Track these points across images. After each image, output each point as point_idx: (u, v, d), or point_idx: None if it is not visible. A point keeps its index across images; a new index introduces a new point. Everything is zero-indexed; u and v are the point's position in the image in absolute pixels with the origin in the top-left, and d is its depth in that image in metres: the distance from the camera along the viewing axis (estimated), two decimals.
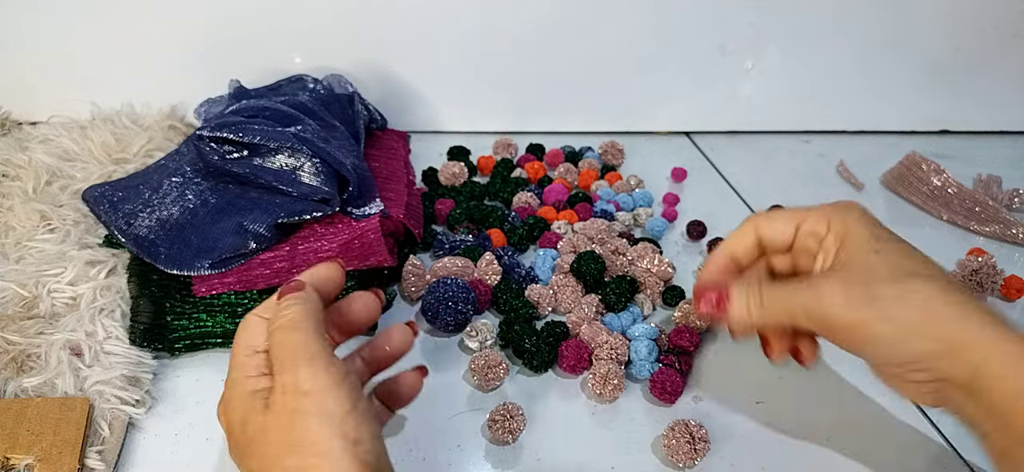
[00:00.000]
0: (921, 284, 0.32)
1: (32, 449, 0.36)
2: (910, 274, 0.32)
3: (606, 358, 0.44)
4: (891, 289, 0.32)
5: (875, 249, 0.33)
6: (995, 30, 0.69)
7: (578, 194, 0.61)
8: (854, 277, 0.33)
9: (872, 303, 0.32)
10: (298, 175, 0.50)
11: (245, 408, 0.30)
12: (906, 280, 0.32)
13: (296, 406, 0.28)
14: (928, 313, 0.31)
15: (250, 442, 0.29)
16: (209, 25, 0.64)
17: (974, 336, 0.31)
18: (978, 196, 0.61)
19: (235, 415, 0.31)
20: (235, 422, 0.31)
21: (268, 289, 0.47)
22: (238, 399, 0.31)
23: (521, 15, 0.65)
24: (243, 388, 0.31)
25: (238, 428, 0.30)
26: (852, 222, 0.35)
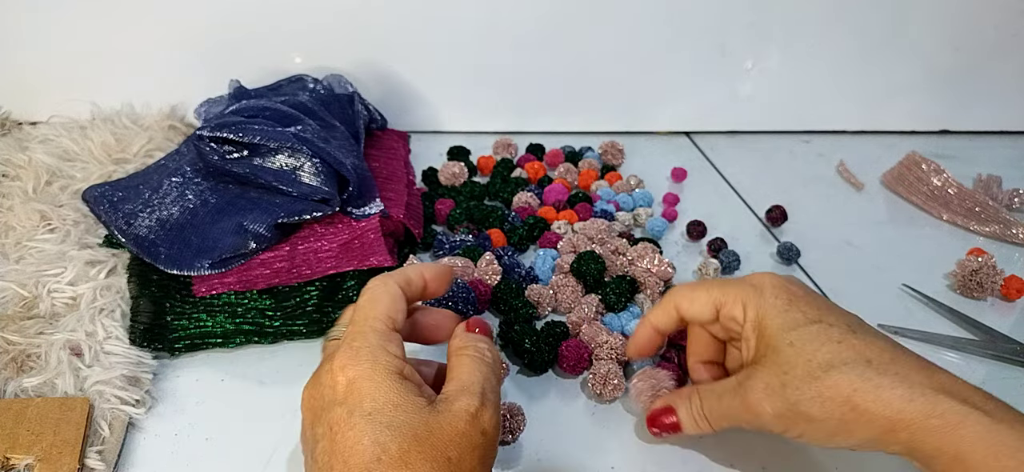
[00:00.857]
0: (837, 378, 0.31)
1: (32, 449, 0.36)
2: (826, 367, 0.31)
3: (606, 358, 0.44)
4: (808, 390, 0.32)
5: (789, 341, 0.33)
6: (995, 30, 0.69)
7: (578, 194, 0.61)
8: (773, 379, 0.33)
9: (794, 408, 0.32)
10: (298, 175, 0.50)
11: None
12: (821, 377, 0.31)
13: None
14: (848, 408, 0.31)
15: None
16: (209, 25, 0.64)
17: (898, 417, 0.30)
18: (978, 196, 0.61)
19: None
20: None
21: (268, 289, 0.47)
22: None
23: (521, 15, 0.65)
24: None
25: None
26: (766, 308, 0.34)
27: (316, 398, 0.31)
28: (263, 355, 0.45)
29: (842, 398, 0.31)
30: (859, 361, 0.31)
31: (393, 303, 0.34)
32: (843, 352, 0.32)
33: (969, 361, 0.47)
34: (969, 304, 0.52)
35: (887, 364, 0.31)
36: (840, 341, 0.32)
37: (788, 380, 0.32)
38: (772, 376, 0.33)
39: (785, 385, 0.32)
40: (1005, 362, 0.47)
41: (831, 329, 0.33)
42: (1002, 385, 0.46)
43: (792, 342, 0.33)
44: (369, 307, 0.33)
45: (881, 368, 0.31)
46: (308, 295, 0.47)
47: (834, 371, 0.31)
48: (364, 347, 0.31)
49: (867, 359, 0.31)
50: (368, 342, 0.32)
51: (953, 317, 0.51)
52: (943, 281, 0.55)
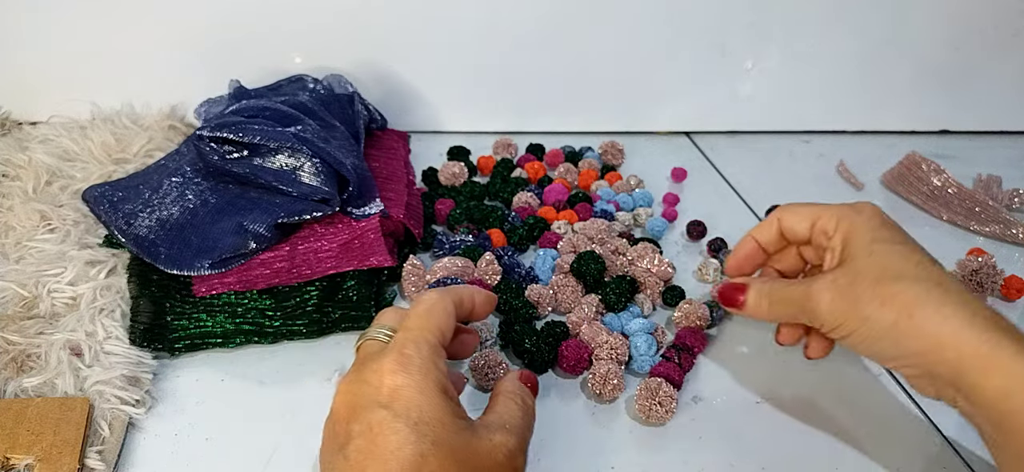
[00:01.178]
0: (904, 286, 0.33)
1: (32, 449, 0.36)
2: (896, 277, 0.33)
3: (606, 358, 0.44)
4: (872, 291, 0.34)
5: (870, 251, 0.35)
6: (995, 30, 0.69)
7: (578, 194, 0.61)
8: (844, 278, 0.35)
9: (854, 304, 0.34)
10: (298, 175, 0.50)
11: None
12: (889, 283, 0.33)
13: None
14: (906, 315, 0.33)
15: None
16: (209, 25, 0.64)
17: (953, 336, 0.31)
18: (978, 196, 0.61)
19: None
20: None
21: (268, 289, 0.47)
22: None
23: (521, 15, 0.65)
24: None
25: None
26: (859, 222, 0.36)
27: (358, 395, 0.31)
28: (263, 355, 0.45)
29: (903, 305, 0.33)
30: (930, 280, 0.33)
31: (447, 319, 0.34)
32: (918, 270, 0.34)
33: None
34: None
35: (956, 292, 0.33)
36: (919, 263, 0.34)
37: (857, 279, 0.34)
38: (843, 274, 0.35)
39: (853, 282, 0.34)
40: None
41: (914, 253, 0.35)
42: None
43: (873, 252, 0.35)
44: (425, 318, 0.33)
45: (949, 292, 0.32)
46: (308, 295, 0.47)
47: (903, 281, 0.33)
48: (416, 357, 0.31)
49: (938, 282, 0.33)
50: (421, 353, 0.31)
51: None
52: None
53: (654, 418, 0.41)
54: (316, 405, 0.42)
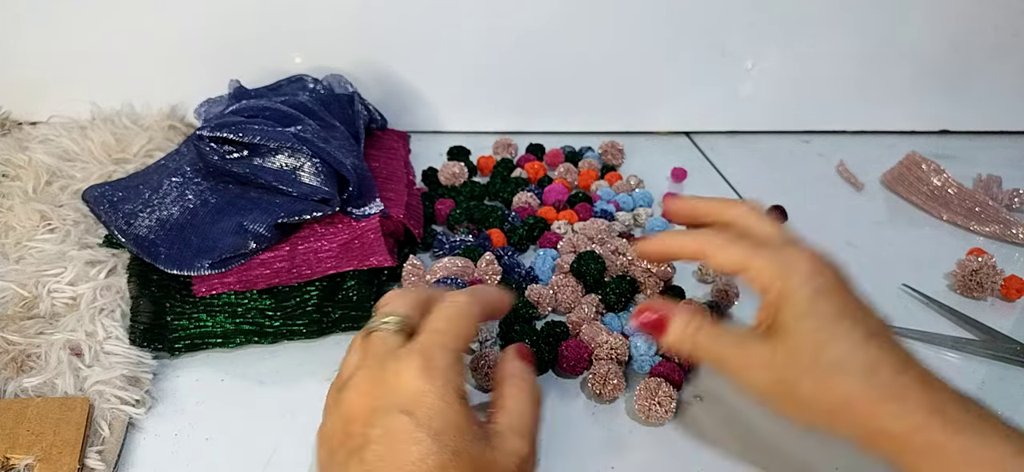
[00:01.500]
0: (841, 380, 0.31)
1: (32, 449, 0.36)
2: (834, 367, 0.32)
3: (606, 358, 0.44)
4: (810, 379, 0.32)
5: (807, 327, 0.33)
6: (995, 30, 0.69)
7: (578, 194, 0.61)
8: (779, 356, 0.33)
9: (790, 391, 0.32)
10: (298, 175, 0.50)
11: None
12: (827, 374, 0.32)
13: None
14: (841, 405, 0.31)
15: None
16: (209, 25, 0.64)
17: (885, 425, 0.31)
18: (978, 196, 0.61)
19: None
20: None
21: (268, 289, 0.47)
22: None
23: (521, 15, 0.65)
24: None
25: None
26: (795, 285, 0.33)
27: (377, 396, 0.29)
28: (263, 355, 0.45)
29: (837, 397, 0.32)
30: (865, 369, 0.31)
31: (471, 328, 0.33)
32: (854, 356, 0.32)
33: (969, 361, 0.47)
34: (969, 304, 0.52)
35: (891, 377, 0.31)
36: (854, 345, 0.32)
37: (793, 362, 0.32)
38: (779, 353, 0.33)
39: (789, 365, 0.33)
40: (1005, 362, 0.47)
41: (850, 331, 0.32)
42: (1002, 385, 0.46)
43: (808, 330, 0.33)
44: (454, 323, 0.32)
45: (884, 380, 0.31)
46: (308, 295, 0.47)
47: (839, 371, 0.32)
48: (441, 363, 0.30)
49: (873, 368, 0.31)
50: (446, 360, 0.30)
51: (953, 317, 0.51)
52: (943, 281, 0.55)
53: (654, 418, 0.41)
54: (316, 405, 0.42)
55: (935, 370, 0.32)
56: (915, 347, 0.48)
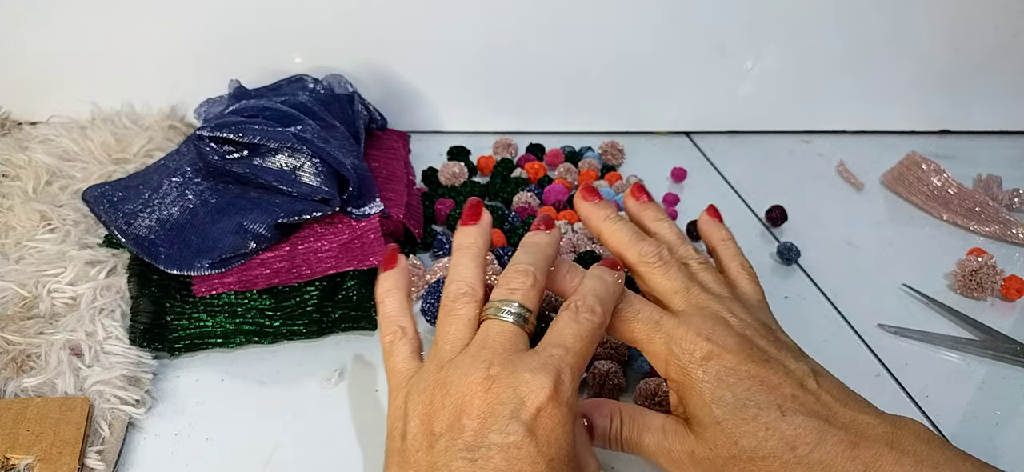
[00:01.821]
0: (762, 464, 0.31)
1: (32, 449, 0.36)
2: (749, 454, 0.31)
3: (606, 358, 0.44)
4: (734, 468, 0.31)
5: (716, 419, 0.31)
6: (995, 30, 0.69)
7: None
8: (700, 449, 0.32)
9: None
10: (298, 175, 0.50)
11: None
12: (744, 462, 0.31)
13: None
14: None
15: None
16: (209, 25, 0.64)
17: None
18: (978, 196, 0.61)
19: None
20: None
21: (268, 289, 0.47)
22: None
23: (521, 15, 0.65)
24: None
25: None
26: (694, 377, 0.32)
27: (500, 398, 0.28)
28: (263, 355, 0.45)
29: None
30: (784, 448, 0.30)
31: (594, 349, 0.32)
32: (769, 440, 0.31)
33: (969, 361, 0.47)
34: (969, 304, 0.52)
35: (811, 452, 0.30)
36: (767, 427, 0.31)
37: (714, 453, 0.32)
38: (697, 444, 0.32)
39: (712, 456, 0.32)
40: (1005, 362, 0.47)
41: (759, 414, 0.31)
42: (1002, 385, 0.46)
43: (718, 422, 0.31)
44: (587, 345, 0.31)
45: (804, 457, 0.30)
46: (308, 295, 0.47)
47: (759, 457, 0.31)
48: (569, 388, 0.29)
49: (792, 446, 0.30)
50: (573, 386, 0.30)
51: (953, 317, 0.51)
52: (943, 281, 0.55)
53: None
54: (316, 405, 0.42)
55: (934, 371, 0.32)
56: (916, 347, 0.48)
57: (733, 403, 0.31)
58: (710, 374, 0.32)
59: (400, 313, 0.35)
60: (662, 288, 0.36)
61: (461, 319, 0.32)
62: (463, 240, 0.35)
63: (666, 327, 0.33)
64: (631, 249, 0.38)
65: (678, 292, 0.35)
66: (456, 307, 0.33)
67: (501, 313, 0.32)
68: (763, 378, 0.32)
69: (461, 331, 0.32)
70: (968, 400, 0.44)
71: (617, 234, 0.39)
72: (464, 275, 0.34)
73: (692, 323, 0.33)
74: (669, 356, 0.33)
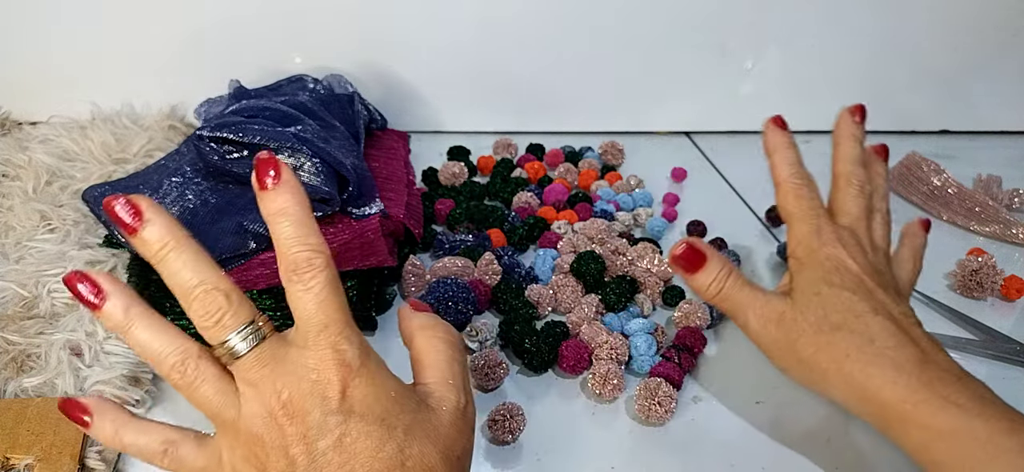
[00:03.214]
0: (839, 338, 0.34)
1: (32, 449, 0.36)
2: (834, 327, 0.35)
3: (606, 358, 0.44)
4: (810, 337, 0.35)
5: (817, 291, 0.36)
6: (995, 30, 0.69)
7: (578, 194, 0.61)
8: (790, 315, 0.36)
9: (791, 346, 0.36)
10: (298, 175, 0.50)
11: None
12: (827, 332, 0.35)
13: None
14: (836, 366, 0.34)
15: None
16: (209, 25, 0.64)
17: (877, 392, 0.33)
18: (978, 196, 0.61)
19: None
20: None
21: (268, 289, 0.47)
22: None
23: (521, 15, 0.65)
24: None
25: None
26: (814, 252, 0.37)
27: (306, 411, 0.27)
28: None
29: (835, 357, 0.34)
30: (865, 335, 0.34)
31: (342, 300, 0.29)
32: (855, 323, 0.34)
33: (969, 361, 0.47)
34: (969, 304, 0.52)
35: (888, 348, 0.34)
36: (858, 315, 0.35)
37: (800, 320, 0.36)
38: (790, 308, 0.36)
39: (796, 322, 0.36)
40: (1005, 362, 0.47)
41: (856, 303, 0.35)
42: (1002, 385, 0.45)
43: (819, 293, 0.36)
44: (330, 301, 0.28)
45: (880, 348, 0.34)
46: None
47: (839, 331, 0.34)
48: (352, 350, 0.28)
49: (871, 338, 0.34)
50: (354, 344, 0.28)
51: (953, 317, 0.51)
52: (943, 281, 0.55)
53: (654, 418, 0.41)
54: None
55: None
56: None
57: (838, 286, 0.36)
58: (831, 263, 0.37)
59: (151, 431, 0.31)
60: (844, 207, 0.40)
61: (209, 383, 0.29)
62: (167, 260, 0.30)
63: (822, 220, 0.39)
64: (853, 164, 0.42)
65: (850, 214, 0.40)
66: (189, 380, 0.29)
67: (237, 352, 0.28)
68: (874, 287, 0.36)
69: (219, 386, 0.29)
70: None
71: (847, 144, 0.44)
72: (169, 343, 0.30)
73: (841, 230, 0.39)
74: (808, 237, 0.38)
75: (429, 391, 0.31)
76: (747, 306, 0.37)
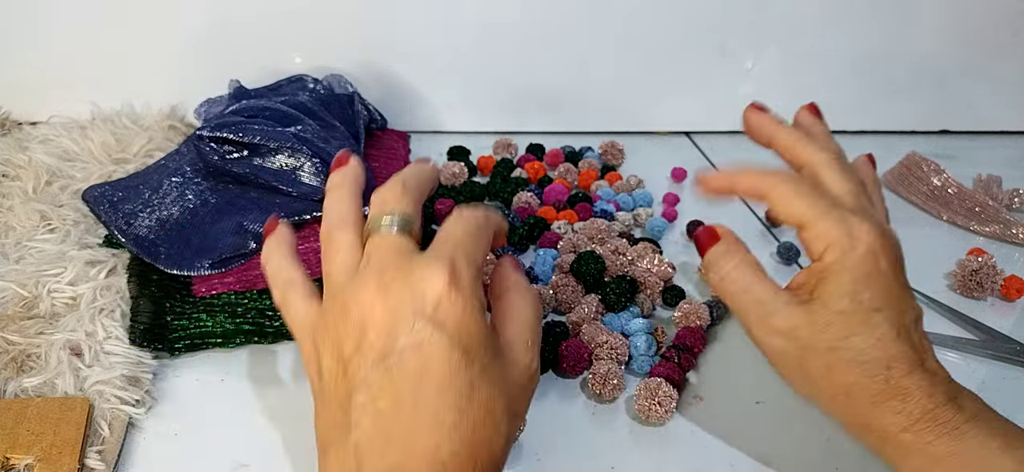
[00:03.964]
0: (851, 364, 0.32)
1: (32, 449, 0.36)
2: (850, 357, 0.32)
3: (606, 358, 0.44)
4: (823, 357, 0.32)
5: (840, 309, 0.32)
6: (995, 30, 0.69)
7: (578, 194, 0.61)
8: (804, 328, 0.33)
9: (800, 362, 0.33)
10: (298, 175, 0.50)
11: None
12: (840, 355, 0.32)
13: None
14: (842, 392, 0.32)
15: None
16: (209, 25, 0.64)
17: (877, 422, 0.32)
18: (978, 196, 0.61)
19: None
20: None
21: (268, 289, 0.47)
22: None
23: (521, 15, 0.65)
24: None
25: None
26: (846, 266, 0.32)
27: (401, 301, 0.27)
28: (263, 355, 0.45)
29: (844, 383, 0.32)
30: (881, 365, 0.32)
31: (487, 243, 0.32)
32: (875, 350, 0.32)
33: (969, 361, 0.47)
34: (969, 304, 0.52)
35: (902, 377, 0.31)
36: (880, 340, 0.32)
37: (815, 338, 0.32)
38: (806, 323, 0.33)
39: (810, 340, 0.32)
40: (1005, 362, 0.47)
41: (881, 325, 0.32)
42: (1002, 385, 0.46)
43: (842, 310, 0.32)
44: (473, 237, 0.31)
45: (894, 377, 0.32)
46: None
47: (856, 362, 0.32)
48: (467, 275, 0.28)
49: (888, 366, 0.32)
50: (471, 272, 0.29)
51: (953, 317, 0.51)
52: (943, 281, 0.55)
53: (654, 418, 0.41)
54: None
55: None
56: None
57: (866, 304, 0.32)
58: (865, 268, 0.32)
59: (284, 267, 0.34)
60: (838, 186, 0.35)
61: (343, 246, 0.31)
62: (332, 181, 0.34)
63: (842, 212, 0.33)
64: (809, 146, 0.38)
65: (851, 193, 0.35)
66: (335, 236, 0.31)
67: (381, 227, 0.30)
68: (899, 297, 0.33)
69: (346, 257, 0.31)
70: None
71: (792, 135, 0.40)
72: (337, 208, 0.33)
73: (869, 218, 0.33)
74: (834, 237, 0.33)
75: (509, 344, 0.31)
76: (752, 307, 0.34)
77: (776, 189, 0.35)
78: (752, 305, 0.34)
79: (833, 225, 0.33)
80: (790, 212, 0.34)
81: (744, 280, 0.34)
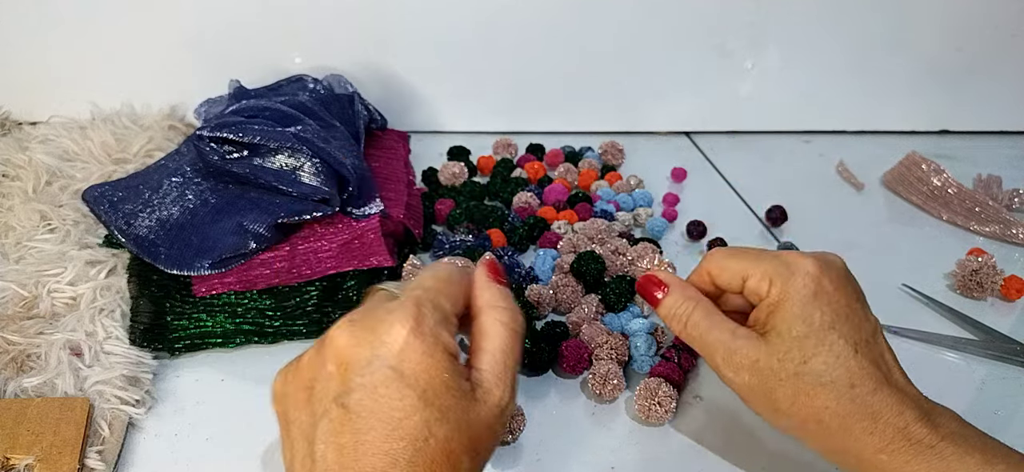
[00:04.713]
0: (817, 390, 0.32)
1: (32, 449, 0.36)
2: (813, 380, 0.32)
3: (606, 358, 0.44)
4: (788, 386, 0.33)
5: (795, 334, 0.33)
6: (995, 30, 0.69)
7: (578, 194, 0.61)
8: (764, 358, 0.33)
9: (768, 394, 0.33)
10: (298, 175, 0.50)
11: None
12: (805, 384, 0.32)
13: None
14: (813, 419, 0.32)
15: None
16: (209, 25, 0.64)
17: (855, 444, 0.32)
18: (978, 196, 0.61)
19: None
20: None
21: (268, 289, 0.47)
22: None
23: (521, 15, 0.65)
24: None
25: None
26: (789, 294, 0.34)
27: (365, 344, 0.29)
28: (263, 355, 0.45)
29: (813, 409, 0.32)
30: (844, 384, 0.32)
31: (462, 291, 0.33)
32: (835, 370, 0.32)
33: (969, 361, 0.47)
34: (969, 304, 0.52)
35: (867, 394, 0.32)
36: (838, 357, 0.32)
37: (777, 368, 0.33)
38: (765, 354, 0.33)
39: (772, 370, 0.33)
40: (1005, 362, 0.47)
41: (837, 343, 0.33)
42: (1002, 385, 0.46)
43: (797, 335, 0.33)
44: (445, 283, 0.32)
45: (860, 396, 0.32)
46: (308, 295, 0.47)
47: (819, 384, 0.32)
48: (431, 320, 0.29)
49: (852, 384, 0.32)
50: (435, 317, 0.30)
51: (953, 317, 0.51)
52: (943, 281, 0.55)
53: (654, 418, 0.41)
54: None
55: (934, 371, 0.32)
56: (915, 348, 0.48)
57: (819, 325, 0.33)
58: (808, 291, 0.33)
59: None
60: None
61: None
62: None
63: (775, 253, 0.35)
64: (732, 263, 0.37)
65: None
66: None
67: (382, 286, 0.33)
68: (852, 312, 0.34)
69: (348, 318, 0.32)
70: (968, 400, 0.44)
71: (720, 268, 0.38)
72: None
73: (803, 254, 0.35)
74: (773, 271, 0.34)
75: (478, 380, 0.31)
76: (716, 348, 0.35)
77: (709, 261, 0.37)
78: (717, 345, 0.35)
79: (769, 263, 0.35)
80: (732, 271, 0.36)
81: (705, 322, 0.35)
